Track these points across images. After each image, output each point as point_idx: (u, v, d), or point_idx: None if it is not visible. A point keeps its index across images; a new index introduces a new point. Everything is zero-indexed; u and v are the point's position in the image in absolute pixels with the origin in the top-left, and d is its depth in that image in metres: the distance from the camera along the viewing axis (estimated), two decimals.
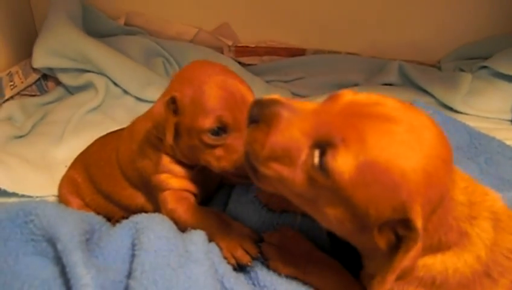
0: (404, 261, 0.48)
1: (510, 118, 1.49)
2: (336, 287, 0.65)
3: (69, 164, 1.03)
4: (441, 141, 0.50)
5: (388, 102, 0.51)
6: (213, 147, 0.71)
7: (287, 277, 0.65)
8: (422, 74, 1.61)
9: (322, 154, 0.49)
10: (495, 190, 0.60)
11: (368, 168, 0.46)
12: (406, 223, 0.47)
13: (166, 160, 0.78)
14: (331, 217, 0.51)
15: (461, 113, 1.47)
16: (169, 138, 0.70)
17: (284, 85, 1.61)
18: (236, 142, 0.69)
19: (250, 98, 0.71)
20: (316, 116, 0.51)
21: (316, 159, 0.49)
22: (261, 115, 0.53)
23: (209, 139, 0.70)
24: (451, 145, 0.51)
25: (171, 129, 0.70)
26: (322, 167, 0.48)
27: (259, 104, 0.54)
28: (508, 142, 1.08)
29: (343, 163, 0.47)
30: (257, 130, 0.53)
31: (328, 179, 0.48)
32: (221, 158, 0.71)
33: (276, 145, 0.52)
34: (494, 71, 1.55)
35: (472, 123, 1.21)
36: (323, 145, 0.49)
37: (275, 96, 0.55)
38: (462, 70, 1.65)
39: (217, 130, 0.69)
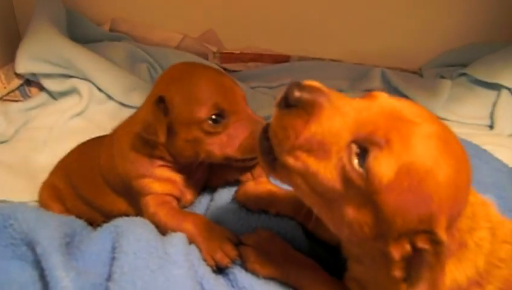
0: (442, 275, 0.47)
1: (488, 124, 1.53)
2: (314, 287, 0.66)
3: None
4: (466, 156, 0.50)
5: (422, 110, 0.50)
6: (214, 135, 0.72)
7: (266, 278, 0.66)
8: (404, 80, 1.64)
9: (363, 153, 0.47)
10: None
11: (406, 175, 0.45)
12: (429, 235, 0.46)
13: (150, 163, 0.78)
14: (351, 219, 0.49)
15: (442, 118, 1.50)
16: (161, 137, 0.70)
17: (269, 91, 1.63)
18: (237, 128, 0.71)
19: (238, 88, 0.74)
20: (357, 112, 0.49)
21: (355, 157, 0.47)
22: (300, 101, 0.49)
23: (209, 127, 0.71)
24: None
25: (163, 128, 0.71)
26: (361, 167, 0.47)
27: (301, 88, 0.49)
28: (486, 147, 1.10)
29: (385, 166, 0.45)
30: (293, 115, 0.49)
31: (364, 180, 0.46)
32: (224, 145, 0.72)
33: (314, 135, 0.49)
34: (473, 78, 1.59)
35: (452, 129, 1.23)
36: (365, 144, 0.47)
37: (317, 83, 0.51)
38: (442, 77, 1.69)
39: (215, 117, 0.71)
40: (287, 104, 0.50)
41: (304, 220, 0.73)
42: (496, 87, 1.54)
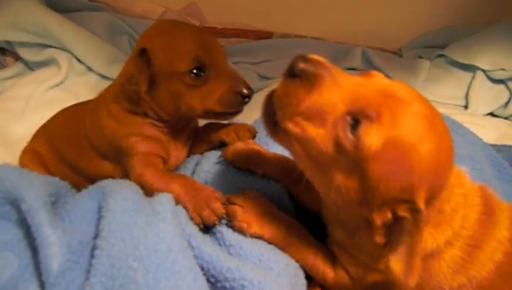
0: (421, 242, 0.51)
1: (464, 104, 1.58)
2: (299, 246, 0.68)
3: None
4: (449, 136, 0.54)
5: (412, 90, 0.55)
6: (195, 87, 0.74)
7: (252, 236, 0.67)
8: (384, 60, 1.67)
9: (355, 124, 0.52)
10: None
11: (392, 147, 0.50)
12: (409, 204, 0.51)
13: (137, 120, 0.79)
14: (339, 184, 0.54)
15: None
16: (143, 87, 0.72)
17: (251, 67, 1.62)
18: (217, 82, 0.74)
19: (218, 44, 0.76)
20: (354, 87, 0.54)
21: (349, 127, 0.52)
22: (304, 72, 0.54)
23: (190, 80, 0.73)
24: None
25: (145, 78, 0.72)
26: (353, 135, 0.51)
27: (306, 61, 0.54)
28: None
29: (374, 137, 0.50)
30: (297, 84, 0.54)
31: (354, 148, 0.51)
32: (204, 98, 0.74)
33: (315, 104, 0.53)
34: (451, 59, 1.63)
35: None
36: (358, 116, 0.52)
37: (321, 57, 0.56)
38: (421, 57, 1.73)
39: (196, 71, 0.72)
40: (292, 74, 0.55)
41: (290, 184, 0.75)
42: (471, 68, 1.59)
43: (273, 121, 0.58)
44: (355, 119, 0.52)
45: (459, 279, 0.60)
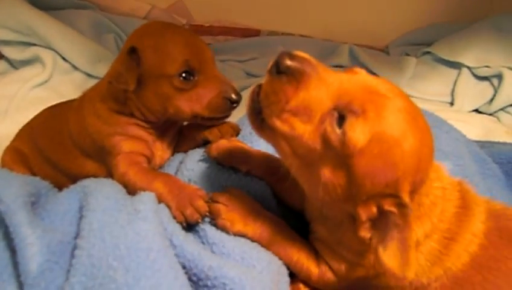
0: (413, 235, 0.53)
1: (449, 101, 1.60)
2: (283, 244, 0.68)
3: None
4: (430, 130, 0.56)
5: (394, 86, 0.56)
6: (183, 91, 0.74)
7: (236, 235, 0.67)
8: (371, 57, 1.68)
9: (342, 119, 0.52)
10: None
11: (377, 142, 0.51)
12: (394, 199, 0.53)
13: (122, 120, 0.79)
14: (326, 180, 0.54)
15: None
16: (131, 85, 0.72)
17: (238, 65, 1.62)
18: (205, 86, 0.74)
19: (208, 49, 0.76)
20: (339, 83, 0.55)
21: (335, 122, 0.53)
22: (290, 69, 0.54)
23: (179, 83, 0.73)
24: None
25: (134, 77, 0.72)
26: (340, 131, 0.52)
27: (292, 57, 0.54)
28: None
29: (359, 132, 0.51)
30: (284, 81, 0.54)
31: (341, 143, 0.52)
32: (193, 102, 0.75)
33: (303, 101, 0.54)
34: (437, 56, 1.65)
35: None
36: (344, 111, 0.52)
37: (306, 54, 0.56)
38: (407, 55, 1.74)
39: (185, 75, 0.73)
40: (278, 71, 0.55)
41: (274, 182, 0.75)
42: (457, 66, 1.60)
43: (259, 118, 0.58)
44: (341, 115, 0.53)
45: (436, 271, 0.61)
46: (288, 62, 0.54)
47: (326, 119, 0.53)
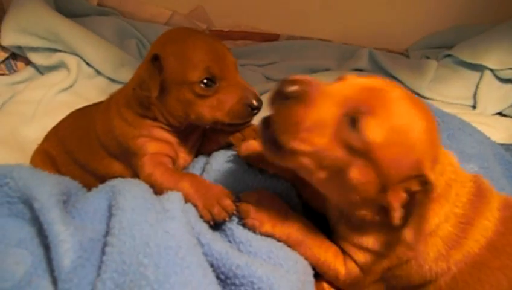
0: (430, 210, 0.57)
1: (472, 104, 1.57)
2: (310, 244, 0.69)
3: None
4: (428, 109, 0.61)
5: (384, 80, 0.60)
6: (205, 97, 0.75)
7: (263, 235, 0.67)
8: (391, 60, 1.67)
9: (353, 122, 0.55)
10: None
11: (393, 132, 0.55)
12: (419, 178, 0.57)
13: (147, 123, 0.80)
14: (356, 183, 0.57)
15: (427, 98, 1.54)
16: (154, 92, 0.73)
17: (258, 69, 1.63)
18: (226, 93, 0.75)
19: (230, 55, 0.77)
20: (339, 92, 0.58)
21: (349, 126, 0.56)
22: (295, 93, 0.56)
23: (201, 90, 0.74)
24: None
25: (156, 84, 0.73)
26: (357, 132, 0.55)
27: (293, 82, 0.57)
28: None
29: (376, 128, 0.55)
30: (292, 105, 0.57)
31: (362, 143, 0.55)
32: (214, 108, 0.75)
33: (316, 116, 0.56)
34: (458, 60, 1.62)
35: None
36: (355, 115, 0.56)
37: (301, 76, 0.59)
38: (428, 58, 1.72)
39: (206, 81, 0.74)
40: (283, 98, 0.57)
41: (299, 185, 0.76)
42: (479, 68, 1.58)
43: (274, 147, 0.59)
44: (353, 118, 0.56)
45: (455, 255, 0.63)
46: (292, 87, 0.57)
47: (340, 127, 0.56)
